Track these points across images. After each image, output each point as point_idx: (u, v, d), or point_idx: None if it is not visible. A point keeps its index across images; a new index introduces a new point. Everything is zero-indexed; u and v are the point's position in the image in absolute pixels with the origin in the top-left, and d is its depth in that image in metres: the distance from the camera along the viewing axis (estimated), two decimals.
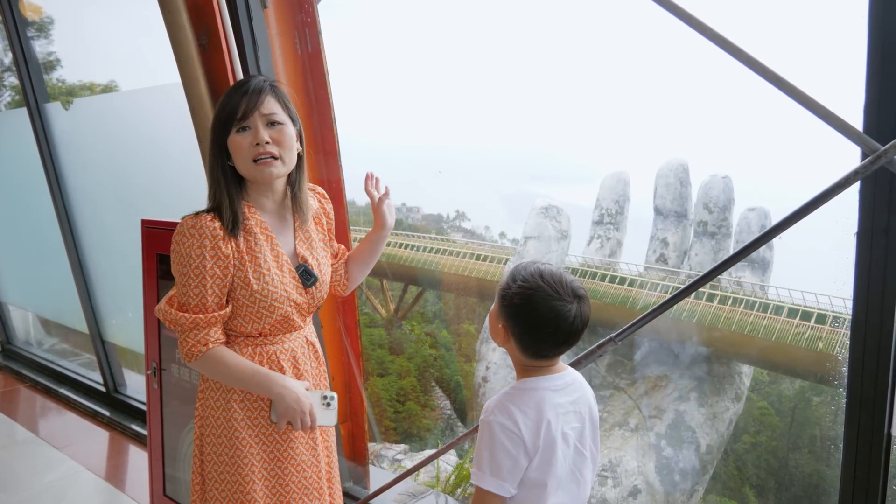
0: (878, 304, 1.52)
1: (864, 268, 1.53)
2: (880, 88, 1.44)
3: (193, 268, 1.49)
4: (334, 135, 2.54)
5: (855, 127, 1.43)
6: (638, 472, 15.80)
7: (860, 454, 1.61)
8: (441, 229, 30.47)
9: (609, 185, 20.35)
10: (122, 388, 4.09)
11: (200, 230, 1.49)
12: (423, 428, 20.73)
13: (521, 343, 1.30)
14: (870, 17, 1.44)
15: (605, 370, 18.03)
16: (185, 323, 1.50)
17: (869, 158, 1.39)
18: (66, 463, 3.35)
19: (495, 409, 1.27)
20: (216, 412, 1.61)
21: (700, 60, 28.26)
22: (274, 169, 1.53)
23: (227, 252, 1.51)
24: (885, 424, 1.57)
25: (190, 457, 2.41)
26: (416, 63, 51.59)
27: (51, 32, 4.80)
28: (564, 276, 1.29)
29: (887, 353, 1.53)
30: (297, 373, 1.64)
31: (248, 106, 1.50)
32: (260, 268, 1.55)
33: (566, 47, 44.86)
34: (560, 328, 1.26)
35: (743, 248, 1.61)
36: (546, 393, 1.30)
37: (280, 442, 1.61)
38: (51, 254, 4.28)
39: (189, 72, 2.29)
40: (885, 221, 1.48)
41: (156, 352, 2.45)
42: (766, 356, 16.76)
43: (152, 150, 3.39)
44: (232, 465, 1.59)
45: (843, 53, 22.97)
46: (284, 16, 2.44)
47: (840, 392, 2.94)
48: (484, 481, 1.25)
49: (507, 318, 1.31)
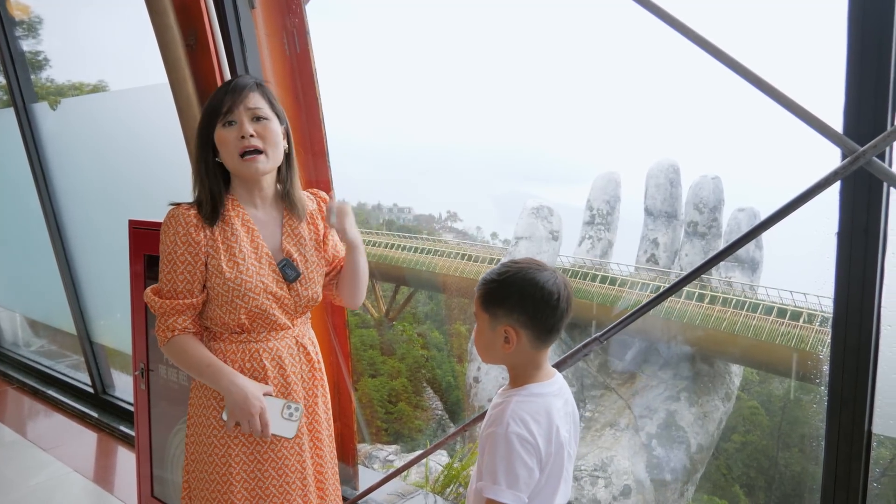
0: (858, 303, 1.54)
1: (844, 267, 1.55)
2: (859, 90, 1.46)
3: (167, 254, 1.56)
4: (323, 135, 2.54)
5: (834, 128, 1.45)
6: (629, 471, 15.86)
7: (841, 451, 1.63)
8: (433, 230, 30.49)
9: (600, 186, 20.42)
10: (110, 390, 4.07)
11: (176, 218, 1.56)
12: (414, 429, 20.72)
13: (534, 326, 1.26)
14: (849, 20, 1.46)
15: (596, 370, 18.10)
16: (157, 308, 1.57)
17: (848, 159, 1.42)
18: (53, 465, 3.33)
19: (510, 420, 1.23)
20: (201, 410, 1.62)
21: (690, 63, 28.42)
22: (259, 164, 1.56)
23: (198, 239, 1.55)
24: (865, 421, 1.59)
25: (177, 457, 2.41)
26: (408, 63, 51.58)
27: (39, 32, 4.77)
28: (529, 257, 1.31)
29: (867, 351, 1.55)
30: (283, 374, 1.63)
31: (234, 100, 1.54)
32: (234, 257, 1.57)
33: (558, 49, 44.99)
34: (561, 295, 1.25)
35: (726, 248, 1.63)
36: (550, 398, 1.29)
37: (262, 443, 1.61)
38: (38, 254, 4.26)
39: (176, 72, 2.29)
40: (864, 221, 1.50)
41: (143, 352, 2.45)
42: (755, 356, 16.87)
43: (141, 150, 3.38)
44: (211, 463, 1.60)
45: (824, 56, 23.18)
46: (272, 16, 2.44)
47: (824, 390, 2.98)
48: (502, 495, 1.21)
49: (509, 312, 1.26)
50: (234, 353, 1.60)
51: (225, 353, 1.60)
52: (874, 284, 1.51)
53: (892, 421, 1.61)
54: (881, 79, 1.43)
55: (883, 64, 1.43)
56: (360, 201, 33.95)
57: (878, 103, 1.44)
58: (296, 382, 1.66)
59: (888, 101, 1.44)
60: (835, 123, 1.48)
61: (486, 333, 1.30)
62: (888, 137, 1.38)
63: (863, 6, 1.44)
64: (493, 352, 1.31)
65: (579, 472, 15.52)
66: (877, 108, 1.45)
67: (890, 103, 1.44)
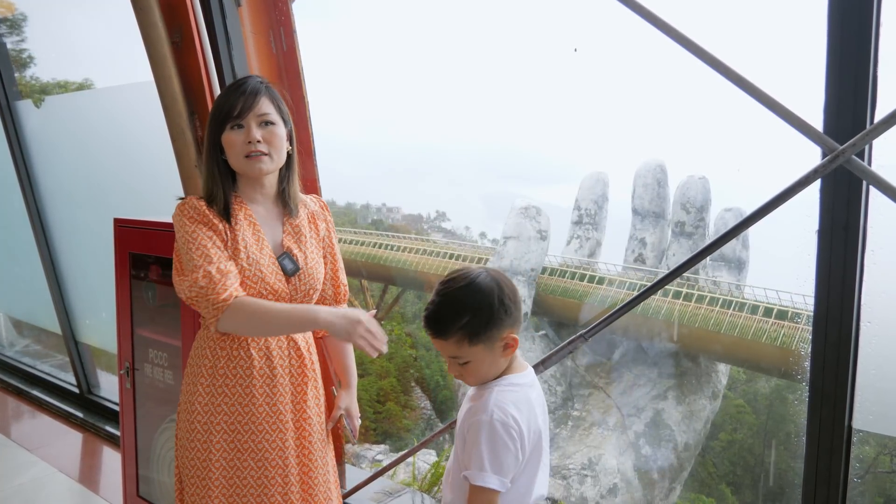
0: (839, 299, 1.56)
1: (824, 264, 1.57)
2: (839, 90, 1.48)
3: (191, 234, 1.55)
4: (310, 134, 2.54)
5: (815, 127, 1.47)
6: (617, 470, 15.94)
7: (822, 446, 1.65)
8: (421, 230, 30.47)
9: (588, 186, 20.51)
10: (95, 390, 4.04)
11: (190, 205, 1.59)
12: (402, 428, 20.71)
13: (517, 318, 1.32)
14: (829, 19, 1.48)
15: (584, 369, 18.17)
16: (199, 281, 1.50)
17: (828, 157, 1.43)
18: (37, 465, 3.30)
19: (494, 408, 1.27)
20: (189, 397, 1.64)
21: (677, 64, 28.60)
22: (263, 165, 1.60)
23: (216, 223, 1.58)
24: (845, 417, 1.62)
25: (163, 457, 2.40)
26: (398, 63, 51.52)
27: (24, 30, 4.72)
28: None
29: (847, 346, 1.57)
30: (270, 365, 1.63)
31: (245, 106, 1.58)
32: (237, 246, 1.59)
33: (547, 50, 45.13)
34: (501, 281, 1.33)
35: (708, 245, 1.65)
36: (527, 388, 1.34)
37: (242, 433, 1.62)
38: (22, 254, 4.22)
39: (162, 70, 2.29)
40: (844, 219, 1.52)
41: (129, 351, 2.44)
42: (741, 354, 17.00)
43: (126, 147, 3.36)
44: (193, 449, 1.62)
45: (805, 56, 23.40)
46: (259, 14, 2.44)
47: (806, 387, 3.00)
48: (487, 480, 1.25)
49: (500, 326, 1.29)
50: (224, 341, 1.61)
51: (215, 340, 1.61)
52: (854, 281, 1.54)
53: (872, 416, 1.63)
54: (860, 78, 1.46)
55: (862, 63, 1.45)
56: (348, 201, 33.92)
57: (858, 102, 1.47)
58: (283, 376, 1.66)
59: (867, 100, 1.46)
60: (815, 122, 1.50)
61: (483, 358, 1.32)
62: (867, 136, 1.41)
63: (842, 6, 1.46)
64: (493, 368, 1.33)
65: (567, 471, 15.58)
66: (856, 107, 1.47)
67: (869, 102, 1.46)
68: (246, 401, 1.61)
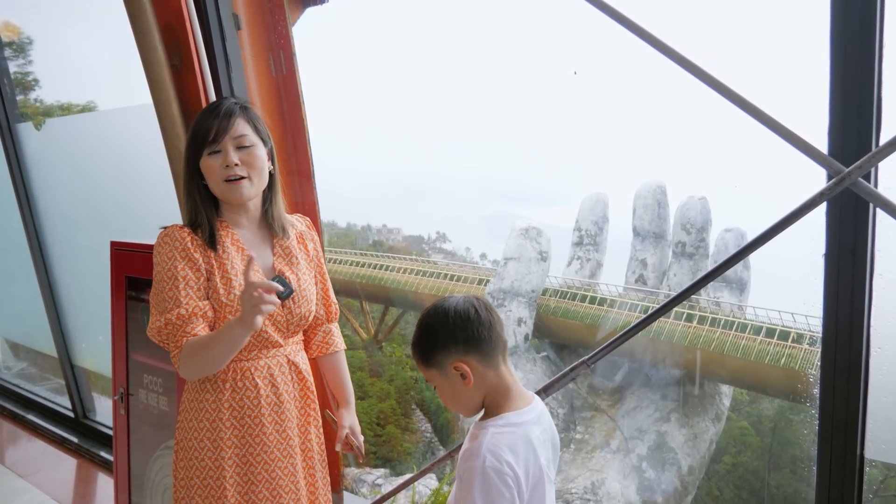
0: (847, 325, 1.52)
1: (832, 289, 1.54)
2: (843, 111, 1.46)
3: (166, 271, 1.52)
4: (308, 157, 2.53)
5: (820, 149, 1.45)
6: (620, 494, 15.73)
7: (834, 476, 1.61)
8: (422, 251, 30.46)
9: (588, 207, 20.54)
10: (91, 414, 3.99)
11: (171, 236, 1.54)
12: (403, 451, 20.50)
13: (474, 347, 1.24)
14: (832, 41, 1.46)
15: (585, 391, 18.03)
16: (163, 326, 1.49)
17: (834, 180, 1.41)
18: (30, 492, 3.25)
19: (487, 454, 1.20)
20: (191, 434, 1.59)
21: (678, 85, 28.81)
22: (243, 189, 1.56)
23: (196, 256, 1.53)
24: (857, 446, 1.57)
25: (158, 484, 2.35)
26: (399, 84, 51.95)
27: (29, 53, 4.75)
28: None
29: (857, 373, 1.53)
30: (276, 392, 1.62)
31: (219, 129, 1.54)
32: (227, 274, 1.55)
33: (546, 71, 45.51)
34: (476, 306, 1.27)
35: (713, 269, 1.62)
36: (528, 427, 1.27)
37: (254, 464, 1.59)
38: (20, 276, 4.20)
39: (161, 93, 2.28)
40: (851, 242, 1.49)
41: (123, 376, 2.40)
42: (744, 376, 16.87)
43: (125, 170, 3.35)
44: (206, 487, 1.57)
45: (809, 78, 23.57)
46: (258, 37, 2.44)
47: (814, 413, 2.96)
48: None
49: (446, 352, 1.25)
50: (225, 373, 1.57)
51: (216, 374, 1.58)
52: (863, 306, 1.50)
53: (885, 445, 1.59)
54: (865, 99, 1.44)
55: (866, 84, 1.43)
56: (349, 222, 33.93)
57: (863, 124, 1.44)
58: (289, 401, 1.64)
59: (872, 121, 1.44)
60: (820, 144, 1.48)
61: (445, 386, 1.29)
62: (873, 158, 1.38)
63: (846, 27, 1.44)
64: (463, 399, 1.29)
65: (570, 496, 15.37)
66: (861, 129, 1.45)
67: (874, 123, 1.44)
68: (256, 431, 1.59)
